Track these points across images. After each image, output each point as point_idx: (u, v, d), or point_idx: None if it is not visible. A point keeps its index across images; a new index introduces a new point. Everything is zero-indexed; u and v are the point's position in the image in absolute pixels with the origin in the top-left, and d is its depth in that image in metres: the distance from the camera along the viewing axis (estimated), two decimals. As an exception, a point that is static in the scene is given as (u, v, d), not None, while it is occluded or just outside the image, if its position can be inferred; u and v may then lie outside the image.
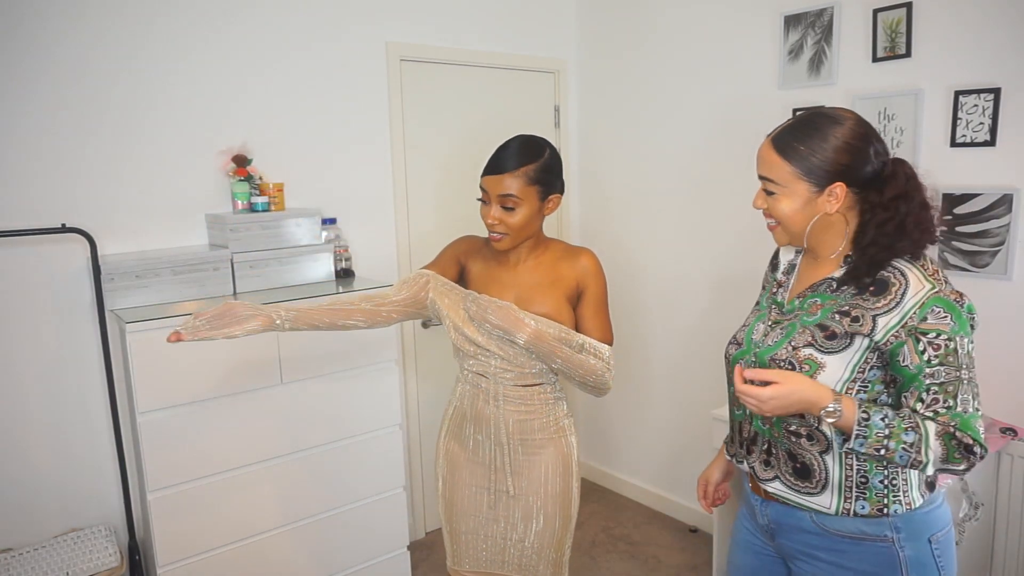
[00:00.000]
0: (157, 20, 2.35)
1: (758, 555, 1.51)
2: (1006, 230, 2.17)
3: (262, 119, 2.59)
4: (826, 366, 1.27)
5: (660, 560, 2.97)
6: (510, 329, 1.65)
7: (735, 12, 2.81)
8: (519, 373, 1.73)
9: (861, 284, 1.29)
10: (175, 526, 2.16)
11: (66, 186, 2.24)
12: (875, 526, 1.30)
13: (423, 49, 2.96)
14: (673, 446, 3.30)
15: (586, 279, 1.75)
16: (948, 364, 1.21)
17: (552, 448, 1.78)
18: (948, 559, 1.33)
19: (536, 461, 1.77)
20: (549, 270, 1.76)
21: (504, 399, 1.75)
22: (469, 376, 1.80)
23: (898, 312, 1.24)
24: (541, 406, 1.77)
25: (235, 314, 1.58)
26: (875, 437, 1.19)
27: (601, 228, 3.49)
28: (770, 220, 1.38)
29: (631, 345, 3.41)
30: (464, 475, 1.84)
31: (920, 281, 1.25)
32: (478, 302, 1.71)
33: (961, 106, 2.22)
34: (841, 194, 1.28)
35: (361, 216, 2.85)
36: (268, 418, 2.29)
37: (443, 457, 1.89)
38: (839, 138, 1.27)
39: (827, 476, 1.31)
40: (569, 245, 1.82)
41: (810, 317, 1.33)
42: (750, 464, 1.44)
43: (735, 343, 1.47)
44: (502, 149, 1.69)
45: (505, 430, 1.76)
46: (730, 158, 2.88)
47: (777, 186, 1.32)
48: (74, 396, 2.31)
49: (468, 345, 1.74)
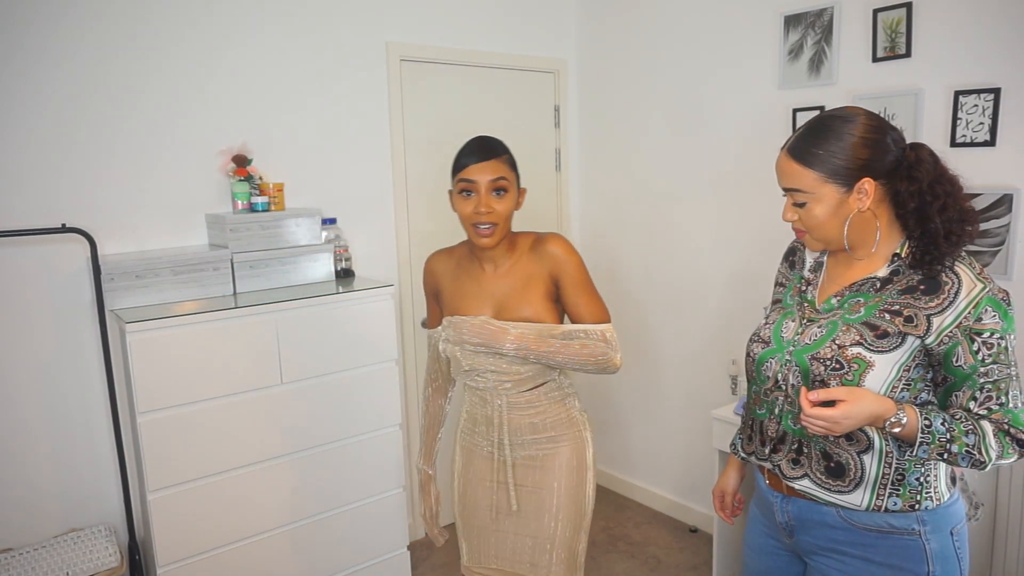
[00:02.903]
0: (157, 21, 2.35)
1: (772, 556, 1.50)
2: (1006, 230, 2.17)
3: (262, 119, 2.59)
4: (875, 365, 1.26)
5: (660, 560, 2.97)
6: (491, 343, 1.64)
7: (735, 12, 2.81)
8: (517, 380, 1.71)
9: (932, 277, 1.26)
10: (175, 526, 2.16)
11: (66, 186, 2.24)
12: (903, 520, 1.30)
13: (423, 49, 2.96)
14: (674, 446, 3.30)
15: (558, 266, 1.69)
16: (1000, 362, 1.22)
17: (566, 443, 1.76)
18: (965, 551, 1.34)
19: (550, 456, 1.75)
20: (521, 271, 1.71)
21: (510, 407, 1.73)
22: (472, 390, 1.79)
23: (952, 312, 1.22)
24: (550, 404, 1.75)
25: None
26: (938, 442, 1.20)
27: (602, 228, 3.49)
28: (799, 228, 1.36)
29: (633, 346, 3.41)
30: (478, 471, 1.82)
31: (972, 280, 1.23)
32: (453, 325, 1.70)
33: (961, 106, 2.22)
34: (871, 189, 1.27)
35: (361, 216, 2.85)
36: (268, 418, 2.29)
37: (459, 455, 1.87)
38: (854, 135, 1.27)
39: (862, 475, 1.31)
40: (537, 235, 1.74)
41: (853, 315, 1.31)
42: (774, 463, 1.41)
43: (760, 341, 1.43)
44: (477, 141, 1.67)
45: (516, 431, 1.74)
46: (730, 158, 2.88)
47: (805, 195, 1.30)
48: (74, 396, 2.31)
49: (461, 368, 1.74)
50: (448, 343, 1.73)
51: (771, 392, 1.40)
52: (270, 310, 2.26)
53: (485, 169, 1.63)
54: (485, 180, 1.62)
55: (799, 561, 1.46)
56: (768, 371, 1.39)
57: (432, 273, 1.84)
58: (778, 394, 1.38)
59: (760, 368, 1.42)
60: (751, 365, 1.45)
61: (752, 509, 1.57)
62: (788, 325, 1.40)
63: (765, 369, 1.40)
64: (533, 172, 3.41)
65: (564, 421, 1.76)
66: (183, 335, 2.12)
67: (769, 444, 1.43)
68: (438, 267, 1.82)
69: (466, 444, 1.85)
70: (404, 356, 3.03)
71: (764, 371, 1.41)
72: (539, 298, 1.68)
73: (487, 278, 1.73)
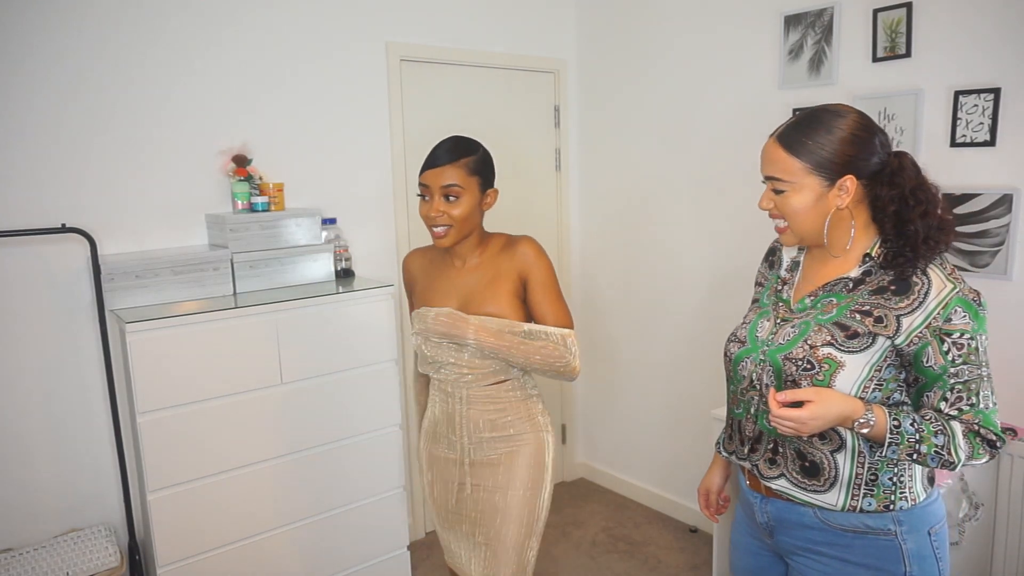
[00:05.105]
0: (157, 21, 2.35)
1: (755, 555, 1.51)
2: (1006, 230, 2.17)
3: (262, 119, 2.59)
4: (846, 365, 1.26)
5: (660, 560, 2.97)
6: (454, 333, 1.69)
7: (735, 12, 2.81)
8: (479, 374, 1.74)
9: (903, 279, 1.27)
10: (175, 526, 2.16)
11: (66, 186, 2.24)
12: (878, 520, 1.31)
13: (423, 49, 2.96)
14: (673, 446, 3.30)
15: (526, 267, 1.73)
16: (971, 363, 1.23)
17: (525, 442, 1.78)
18: (944, 551, 1.35)
19: (509, 455, 1.77)
20: (490, 267, 1.75)
21: (471, 400, 1.76)
22: (436, 383, 1.83)
23: (921, 312, 1.23)
24: (512, 402, 1.78)
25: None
26: (907, 443, 1.21)
27: (602, 228, 3.49)
28: (779, 221, 1.37)
29: (634, 344, 3.41)
30: (441, 472, 1.86)
31: (942, 281, 1.24)
32: (419, 316, 1.76)
33: (961, 106, 2.22)
34: (852, 187, 1.28)
35: (361, 216, 2.85)
36: (268, 418, 2.29)
37: (424, 458, 1.92)
38: (844, 130, 1.28)
39: (836, 474, 1.31)
40: (509, 236, 1.80)
41: (824, 315, 1.32)
42: (753, 462, 1.43)
43: (737, 341, 1.45)
44: (439, 146, 1.72)
45: (475, 428, 1.77)
46: (730, 158, 2.88)
47: (786, 183, 1.31)
48: (74, 396, 2.31)
49: (426, 360, 1.79)
50: (415, 335, 1.79)
51: (747, 392, 1.41)
52: (270, 310, 2.26)
53: (435, 175, 1.68)
54: (436, 185, 1.68)
55: (781, 561, 1.47)
56: (744, 371, 1.41)
57: (408, 270, 1.91)
58: (753, 394, 1.40)
59: (736, 368, 1.43)
60: (728, 365, 1.47)
61: (737, 508, 1.58)
62: (763, 325, 1.42)
63: (741, 369, 1.42)
64: (533, 172, 3.41)
65: (525, 419, 1.79)
66: (183, 335, 2.12)
67: (747, 444, 1.44)
68: (414, 264, 1.90)
69: (429, 447, 1.89)
70: (404, 356, 3.02)
71: (740, 371, 1.42)
72: (505, 295, 1.72)
73: (456, 273, 1.78)
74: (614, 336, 3.49)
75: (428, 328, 1.73)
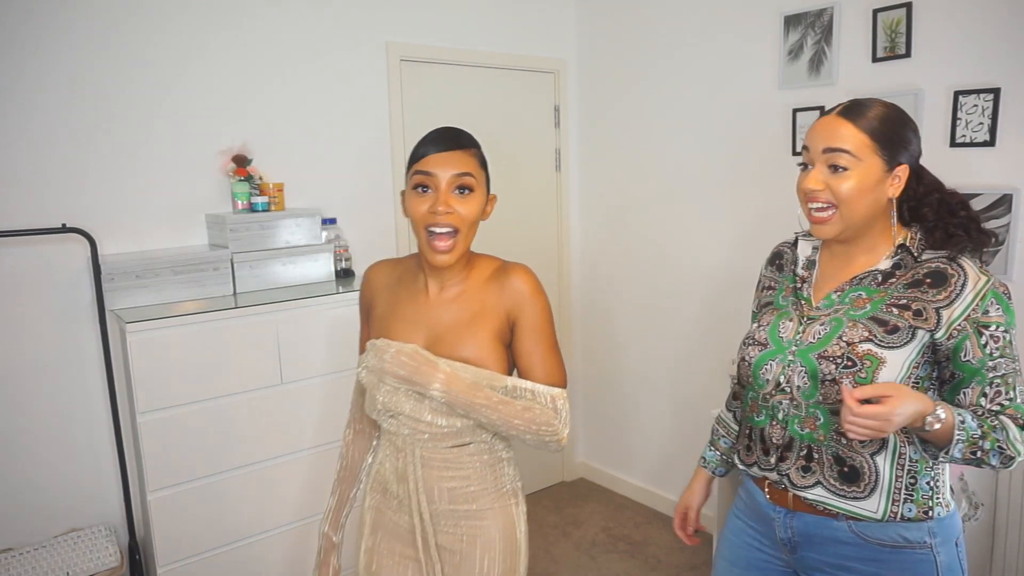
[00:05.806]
0: (157, 21, 2.35)
1: (763, 571, 1.42)
2: (1006, 230, 2.17)
3: (262, 119, 2.59)
4: (887, 361, 1.21)
5: (660, 560, 2.97)
6: (416, 380, 1.30)
7: (735, 12, 2.81)
8: (438, 434, 1.35)
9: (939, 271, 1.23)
10: (175, 526, 2.16)
11: (66, 186, 2.24)
12: (915, 531, 1.25)
13: (423, 49, 2.96)
14: (674, 446, 3.30)
15: (518, 306, 1.36)
16: (1007, 356, 1.20)
17: (492, 522, 1.40)
18: (966, 562, 1.31)
19: (472, 538, 1.39)
20: (473, 299, 1.37)
21: (425, 463, 1.37)
22: (386, 433, 1.43)
23: (960, 304, 1.20)
24: (476, 470, 1.38)
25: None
26: (971, 439, 1.15)
27: (602, 228, 3.49)
28: (821, 206, 1.26)
29: (634, 344, 3.41)
30: (388, 543, 1.47)
31: (977, 273, 1.21)
32: (376, 350, 1.36)
33: (961, 106, 2.22)
34: (904, 177, 1.24)
35: (361, 216, 2.85)
36: (268, 418, 2.29)
37: (367, 520, 1.50)
38: (903, 116, 1.25)
39: (877, 478, 1.25)
40: (502, 262, 1.42)
41: (857, 311, 1.26)
42: (782, 472, 1.33)
43: (757, 344, 1.36)
44: (440, 131, 1.37)
45: (430, 496, 1.38)
46: (730, 158, 2.89)
47: (852, 158, 1.22)
48: (74, 396, 2.31)
49: (375, 406, 1.38)
50: (366, 371, 1.39)
51: (771, 396, 1.33)
52: (270, 310, 2.26)
53: (448, 160, 1.31)
54: (447, 174, 1.31)
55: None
56: (767, 374, 1.33)
57: (370, 284, 1.49)
58: (781, 397, 1.31)
59: (758, 372, 1.35)
60: (747, 370, 1.38)
61: (733, 522, 1.48)
62: (786, 325, 1.34)
63: (764, 372, 1.34)
64: (533, 172, 3.41)
65: (491, 492, 1.40)
66: (183, 335, 2.12)
67: (774, 452, 1.34)
68: (378, 279, 1.49)
69: (375, 504, 1.49)
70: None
71: (763, 375, 1.34)
72: (487, 338, 1.35)
73: (429, 301, 1.39)
74: (614, 336, 3.50)
75: (384, 368, 1.32)
